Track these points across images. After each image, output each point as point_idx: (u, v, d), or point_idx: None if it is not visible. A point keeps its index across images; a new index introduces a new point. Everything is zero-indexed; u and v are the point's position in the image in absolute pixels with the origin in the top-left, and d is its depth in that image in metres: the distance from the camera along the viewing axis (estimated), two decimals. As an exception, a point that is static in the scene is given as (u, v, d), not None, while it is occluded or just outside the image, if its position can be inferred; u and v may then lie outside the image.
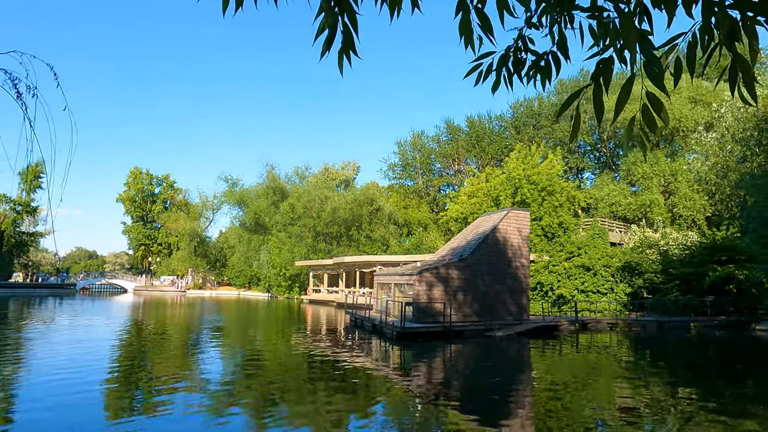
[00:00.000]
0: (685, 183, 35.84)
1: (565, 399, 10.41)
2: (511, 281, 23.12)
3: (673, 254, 29.26)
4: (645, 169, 37.66)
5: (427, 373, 13.65)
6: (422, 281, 20.51)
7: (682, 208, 35.77)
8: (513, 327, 21.13)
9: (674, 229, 34.91)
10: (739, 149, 22.36)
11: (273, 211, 59.95)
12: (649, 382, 12.52)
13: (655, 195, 37.10)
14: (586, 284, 29.46)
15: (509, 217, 23.73)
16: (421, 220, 65.11)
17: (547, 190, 36.25)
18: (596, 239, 32.62)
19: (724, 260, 25.76)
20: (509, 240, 23.39)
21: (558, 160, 38.14)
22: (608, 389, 11.66)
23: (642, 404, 9.93)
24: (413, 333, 18.81)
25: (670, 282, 27.27)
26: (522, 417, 8.98)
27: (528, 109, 68.95)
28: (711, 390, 11.90)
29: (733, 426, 8.39)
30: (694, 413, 9.33)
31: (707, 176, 27.83)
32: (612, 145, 59.62)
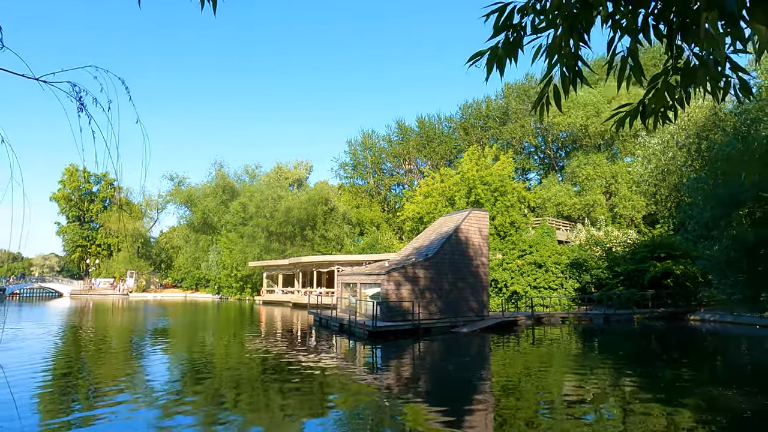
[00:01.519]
0: (625, 184, 38.44)
1: (523, 390, 11.15)
2: (472, 279, 24.00)
3: (616, 252, 31.35)
4: (588, 171, 40.04)
5: (399, 369, 14.07)
6: (391, 280, 20.93)
7: (622, 208, 38.36)
8: (476, 323, 21.99)
9: (615, 227, 37.34)
10: (681, 155, 24.38)
11: (222, 211, 58.48)
12: (596, 370, 13.59)
13: (598, 195, 39.54)
14: (538, 280, 30.98)
15: (470, 217, 24.61)
16: (373, 220, 65.66)
17: (500, 190, 37.71)
18: (545, 237, 34.38)
19: (663, 257, 27.96)
20: (470, 239, 24.27)
21: (509, 162, 39.71)
22: (560, 379, 12.53)
23: (589, 391, 10.81)
24: (384, 331, 19.20)
25: (615, 278, 29.25)
26: (483, 409, 9.51)
27: (476, 111, 71.11)
28: (651, 376, 13.15)
29: (670, 407, 9.42)
30: (635, 398, 10.32)
31: (649, 178, 30.07)
32: (555, 147, 62.70)
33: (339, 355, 16.51)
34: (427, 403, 9.88)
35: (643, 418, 8.64)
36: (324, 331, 22.53)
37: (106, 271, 69.94)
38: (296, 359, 14.85)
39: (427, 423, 8.39)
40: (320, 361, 14.52)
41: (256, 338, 20.57)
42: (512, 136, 60.71)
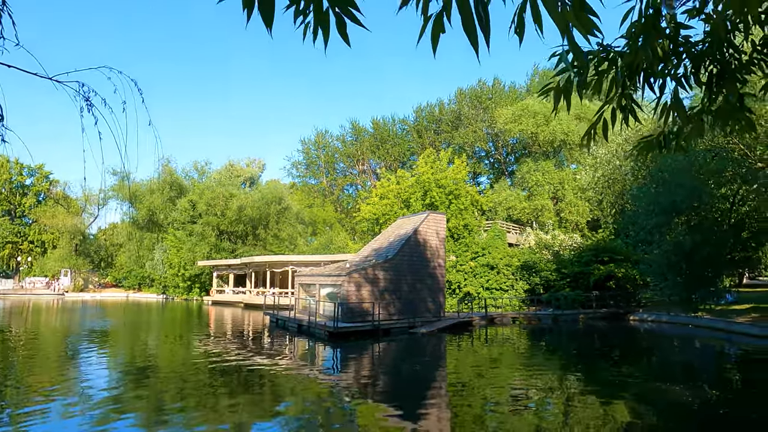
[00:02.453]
0: (571, 191, 40.40)
1: (476, 387, 11.68)
2: (430, 281, 24.49)
3: (564, 255, 32.88)
4: (537, 178, 41.78)
5: (359, 369, 14.28)
6: (351, 282, 21.02)
7: (568, 213, 40.29)
8: (434, 324, 22.45)
9: (561, 231, 39.12)
10: (626, 165, 25.98)
11: (170, 208, 56.38)
12: (543, 368, 14.50)
13: (546, 201, 41.31)
14: (490, 282, 31.98)
15: (428, 219, 25.09)
16: (326, 220, 65.41)
17: (454, 193, 38.57)
18: (497, 240, 35.53)
19: (606, 260, 29.63)
20: (428, 242, 24.75)
21: (463, 166, 40.71)
22: (511, 376, 13.19)
23: (536, 387, 11.48)
24: (345, 332, 19.26)
25: (562, 279, 30.67)
26: (438, 406, 9.90)
27: (430, 115, 72.37)
28: (593, 372, 14.23)
29: (608, 400, 10.26)
30: (577, 392, 11.15)
31: (596, 186, 31.82)
32: (505, 153, 64.86)
33: (297, 356, 16.47)
34: (385, 402, 10.12)
35: (582, 410, 9.35)
36: (281, 332, 22.30)
37: (39, 269, 65.68)
38: (252, 361, 14.62)
39: (385, 423, 8.57)
40: (277, 363, 14.40)
41: (206, 340, 19.90)
42: (464, 140, 62.21)
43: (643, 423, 8.60)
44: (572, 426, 8.26)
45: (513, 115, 44.42)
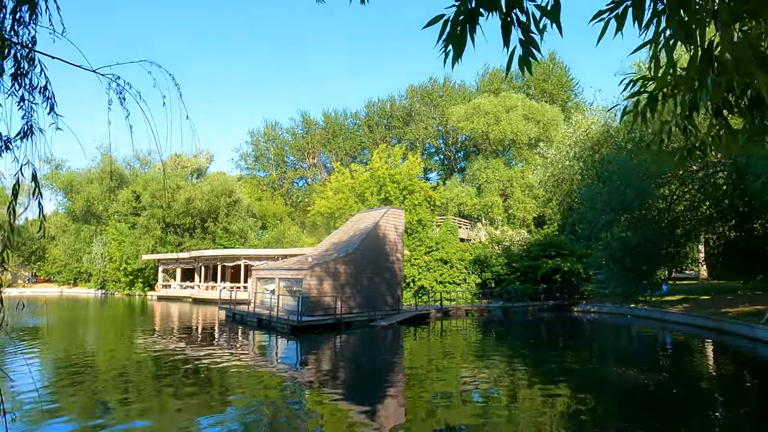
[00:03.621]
0: (519, 188, 42.09)
1: (431, 378, 12.21)
2: (388, 275, 24.88)
3: (513, 250, 34.27)
4: (488, 175, 43.20)
5: (321, 362, 14.48)
6: (313, 275, 21.03)
7: (516, 210, 41.97)
8: (393, 317, 22.88)
9: (510, 227, 40.68)
10: (576, 165, 27.45)
11: (110, 199, 53.63)
12: (494, 357, 15.32)
13: (495, 197, 42.80)
14: (444, 276, 32.83)
15: (388, 214, 25.45)
16: (276, 213, 64.39)
17: (408, 189, 39.17)
18: (449, 235, 36.45)
19: (553, 254, 31.19)
20: (388, 236, 25.12)
21: (417, 162, 41.41)
22: (464, 366, 13.82)
23: (488, 376, 12.15)
24: (308, 326, 19.29)
25: (512, 273, 32.00)
26: (395, 397, 10.36)
27: (381, 110, 72.72)
28: (540, 359, 15.19)
29: (553, 386, 11.04)
30: (525, 379, 11.92)
31: (546, 184, 33.36)
32: (454, 149, 66.41)
33: (258, 351, 16.36)
34: (345, 394, 10.37)
35: (528, 396, 10.02)
36: (238, 326, 21.98)
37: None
38: (210, 357, 14.28)
39: (344, 413, 8.81)
40: (237, 358, 14.23)
41: (152, 336, 18.98)
42: (415, 136, 63.11)
43: (583, 407, 9.31)
44: (517, 412, 8.80)
45: (465, 113, 45.59)
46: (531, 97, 50.41)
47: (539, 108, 44.57)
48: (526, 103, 45.23)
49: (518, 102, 44.97)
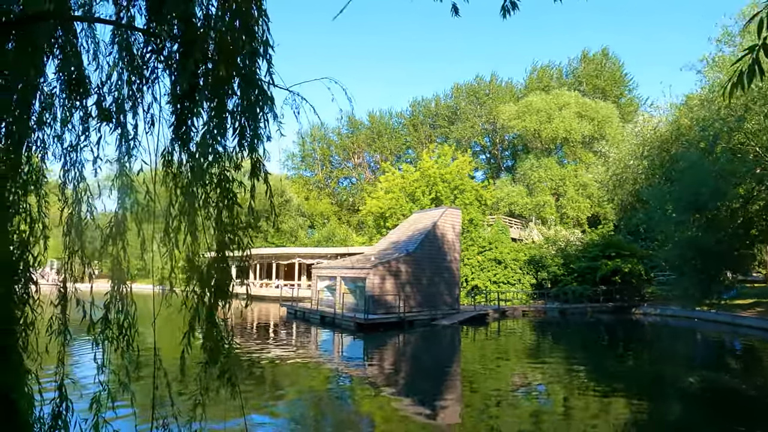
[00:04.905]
0: (572, 187, 41.26)
1: (489, 377, 12.30)
2: (447, 274, 25.01)
3: (570, 250, 33.70)
4: (539, 174, 42.55)
5: (385, 360, 14.77)
6: (376, 274, 21.41)
7: (569, 209, 41.17)
8: (454, 316, 23.01)
9: (563, 227, 39.97)
10: (641, 165, 26.79)
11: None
12: (551, 358, 15.22)
13: (547, 197, 42.12)
14: (498, 276, 32.63)
15: (446, 214, 25.60)
16: (323, 212, 65.47)
17: (459, 188, 39.11)
18: (501, 235, 36.16)
19: (613, 256, 30.50)
20: (446, 236, 25.26)
21: (468, 161, 41.26)
22: (520, 367, 13.79)
23: (544, 376, 12.13)
24: (374, 324, 19.68)
25: (569, 274, 31.49)
26: (454, 396, 10.46)
27: (426, 109, 72.70)
28: (598, 362, 15.00)
29: (610, 386, 10.91)
30: (581, 381, 11.73)
31: (607, 183, 32.69)
32: (500, 148, 65.67)
33: (323, 347, 16.82)
34: (406, 392, 10.53)
35: (584, 399, 9.85)
36: (301, 323, 22.62)
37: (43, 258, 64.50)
38: (275, 353, 14.80)
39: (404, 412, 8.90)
40: (304, 355, 14.67)
41: None
42: (461, 135, 62.75)
43: (642, 412, 8.96)
44: (571, 415, 8.74)
45: (516, 111, 45.03)
46: (583, 94, 49.23)
47: (593, 105, 43.51)
48: (579, 100, 44.26)
49: (571, 99, 44.06)
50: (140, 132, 3.67)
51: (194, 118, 3.35)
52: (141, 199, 4.61)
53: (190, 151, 3.33)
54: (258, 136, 3.00)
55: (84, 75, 4.26)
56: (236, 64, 2.89)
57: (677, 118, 23.88)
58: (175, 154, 3.41)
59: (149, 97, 3.37)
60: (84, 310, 4.14)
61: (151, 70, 3.25)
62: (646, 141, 25.87)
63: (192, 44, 3.23)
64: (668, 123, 25.00)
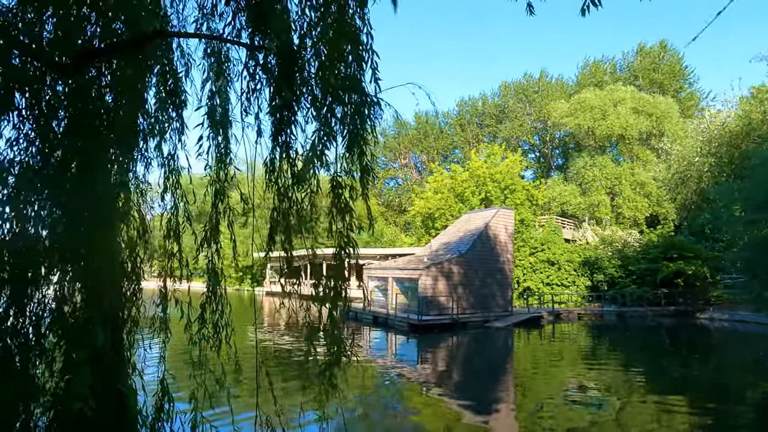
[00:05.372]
0: (629, 186, 39.65)
1: (543, 381, 12.03)
2: (499, 275, 24.64)
3: (627, 251, 32.43)
4: (594, 173, 41.10)
5: (438, 361, 14.73)
6: (429, 275, 21.38)
7: (625, 209, 39.57)
8: (508, 318, 22.66)
9: (619, 227, 38.50)
10: (707, 161, 25.48)
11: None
12: (609, 363, 14.59)
13: (602, 196, 40.65)
14: (551, 277, 31.85)
15: (498, 215, 25.23)
16: (371, 213, 65.91)
17: (510, 188, 38.47)
18: (554, 236, 35.26)
19: (675, 257, 29.12)
20: (498, 237, 24.89)
21: (519, 160, 40.50)
22: (576, 371, 13.34)
23: (601, 381, 11.64)
24: (428, 325, 19.66)
25: (627, 276, 30.32)
26: (507, 399, 10.31)
27: (473, 108, 71.83)
28: (658, 367, 14.18)
29: (671, 393, 10.26)
30: (640, 387, 11.15)
31: (669, 181, 31.29)
32: (550, 147, 63.94)
33: (376, 348, 16.92)
34: (459, 394, 10.47)
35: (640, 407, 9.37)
36: (353, 323, 22.88)
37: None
38: None
39: (457, 414, 8.82)
40: (356, 354, 14.73)
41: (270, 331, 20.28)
42: (510, 134, 61.60)
43: (706, 421, 8.44)
44: (628, 422, 8.35)
45: (569, 109, 43.70)
46: (639, 88, 47.19)
47: (651, 100, 41.60)
48: (635, 96, 42.44)
49: (627, 94, 42.31)
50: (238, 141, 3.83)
51: (293, 126, 3.47)
52: (233, 204, 4.80)
53: (290, 157, 3.45)
54: (366, 141, 3.07)
55: (180, 87, 4.51)
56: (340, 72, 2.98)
57: (747, 113, 22.45)
58: (276, 161, 3.53)
59: (255, 107, 3.51)
60: (181, 309, 4.35)
61: (256, 82, 3.39)
62: (712, 137, 24.51)
63: (291, 56, 3.36)
64: (737, 117, 23.55)
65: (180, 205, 4.59)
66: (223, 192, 4.45)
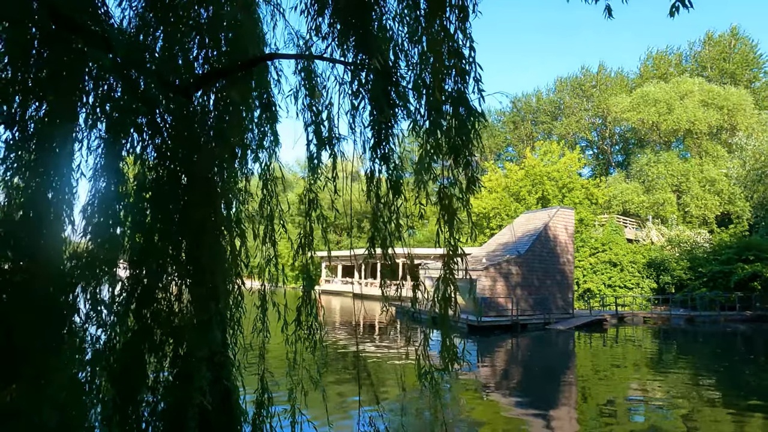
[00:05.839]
0: (697, 183, 37.58)
1: (606, 387, 11.54)
2: (559, 277, 24.07)
3: (697, 252, 30.77)
4: (658, 169, 39.21)
5: (497, 363, 14.55)
6: (488, 276, 21.20)
7: (694, 207, 37.53)
8: (569, 321, 22.09)
9: (686, 227, 36.59)
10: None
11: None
12: (677, 369, 13.79)
13: (668, 194, 38.73)
14: (613, 279, 30.73)
15: (558, 215, 24.64)
16: (422, 212, 65.94)
17: (568, 186, 37.44)
18: (615, 235, 33.95)
19: (752, 259, 27.36)
20: (558, 237, 24.31)
21: (577, 158, 39.31)
22: (641, 377, 12.72)
23: (668, 389, 11.00)
24: (487, 326, 19.50)
25: (697, 279, 28.77)
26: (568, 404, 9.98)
27: (526, 105, 70.16)
28: (731, 376, 13.17)
29: (745, 404, 9.57)
30: (711, 396, 10.46)
31: (744, 179, 29.50)
32: (609, 143, 61.52)
33: (433, 348, 16.87)
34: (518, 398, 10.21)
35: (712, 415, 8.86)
36: (410, 323, 22.97)
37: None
38: (384, 351, 15.08)
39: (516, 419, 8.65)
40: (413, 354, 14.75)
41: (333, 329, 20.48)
42: (566, 131, 59.72)
43: None
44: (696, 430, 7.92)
45: (631, 103, 41.88)
46: (708, 80, 44.58)
47: (721, 92, 39.19)
48: (704, 87, 40.16)
49: (694, 86, 40.12)
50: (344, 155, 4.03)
51: (393, 138, 3.62)
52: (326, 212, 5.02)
53: (389, 168, 3.61)
54: (472, 153, 3.17)
55: (273, 102, 4.77)
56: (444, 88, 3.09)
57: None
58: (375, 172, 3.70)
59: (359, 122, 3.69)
60: (278, 311, 4.61)
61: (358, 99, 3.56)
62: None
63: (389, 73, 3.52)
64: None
65: (275, 212, 4.83)
66: (316, 201, 4.66)
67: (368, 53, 3.51)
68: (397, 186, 3.75)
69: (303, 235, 4.79)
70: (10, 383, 3.45)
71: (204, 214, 3.88)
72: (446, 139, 3.07)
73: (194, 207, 3.85)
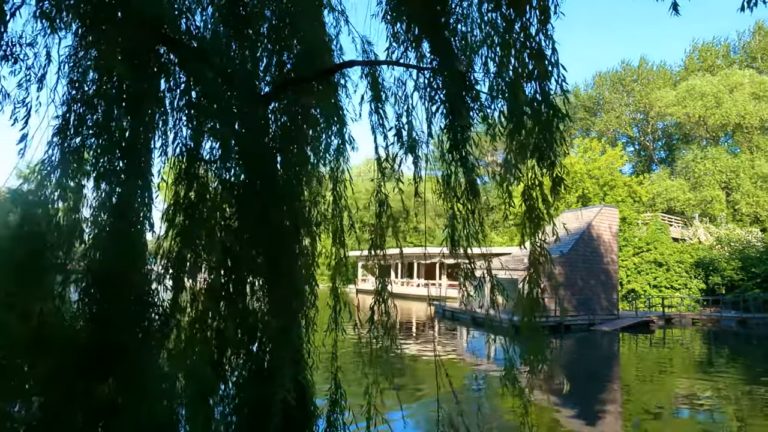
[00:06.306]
0: (748, 180, 36.01)
1: (652, 391, 11.27)
2: (603, 277, 23.57)
3: (750, 252, 29.49)
4: (706, 165, 37.76)
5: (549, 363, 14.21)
6: (530, 276, 20.91)
7: (744, 205, 35.99)
8: (614, 322, 21.62)
9: (736, 225, 35.10)
10: None
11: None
12: (730, 373, 13.41)
13: (716, 191, 37.26)
14: (659, 279, 29.77)
15: (602, 214, 24.15)
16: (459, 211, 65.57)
17: (609, 184, 36.51)
18: (660, 234, 32.84)
19: (813, 259, 26.07)
20: (602, 236, 23.81)
21: (619, 155, 38.25)
22: (691, 382, 12.32)
23: (718, 394, 10.63)
24: (530, 327, 19.23)
25: (750, 279, 27.58)
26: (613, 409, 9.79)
27: (564, 101, 68.65)
28: None
29: None
30: (765, 402, 10.01)
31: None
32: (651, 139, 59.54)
33: (476, 348, 16.80)
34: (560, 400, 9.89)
35: None
36: (451, 323, 22.96)
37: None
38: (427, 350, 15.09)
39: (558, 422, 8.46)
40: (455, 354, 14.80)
41: None
42: (606, 127, 58.12)
43: None
44: None
45: (676, 97, 40.43)
46: (759, 71, 42.61)
47: (774, 83, 37.52)
48: (754, 79, 38.45)
49: (744, 79, 38.44)
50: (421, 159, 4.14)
51: (469, 142, 3.68)
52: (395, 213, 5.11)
53: (466, 170, 3.66)
54: (554, 153, 3.20)
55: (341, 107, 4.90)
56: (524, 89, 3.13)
57: None
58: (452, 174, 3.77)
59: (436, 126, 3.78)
60: (350, 311, 4.73)
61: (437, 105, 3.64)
62: None
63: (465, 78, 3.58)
64: None
65: (344, 214, 4.97)
66: (385, 202, 4.77)
67: (444, 58, 3.57)
68: (473, 187, 3.81)
69: (374, 236, 4.90)
70: (107, 378, 3.68)
71: (283, 217, 4.04)
72: (531, 140, 3.11)
73: (274, 210, 4.01)
